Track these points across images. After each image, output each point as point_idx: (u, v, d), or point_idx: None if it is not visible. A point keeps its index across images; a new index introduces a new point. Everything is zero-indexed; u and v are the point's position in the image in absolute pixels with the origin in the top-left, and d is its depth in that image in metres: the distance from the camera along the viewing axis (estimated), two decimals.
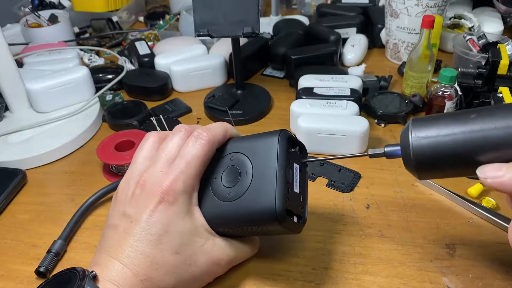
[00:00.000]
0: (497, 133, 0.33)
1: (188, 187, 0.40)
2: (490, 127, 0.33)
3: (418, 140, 0.35)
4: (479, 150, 0.33)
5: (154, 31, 1.00)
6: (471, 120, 0.34)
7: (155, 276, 0.38)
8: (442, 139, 0.34)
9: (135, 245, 0.37)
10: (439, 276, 0.44)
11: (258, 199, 0.38)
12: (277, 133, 0.40)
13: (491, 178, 0.33)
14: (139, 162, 0.42)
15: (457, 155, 0.34)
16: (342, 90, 0.66)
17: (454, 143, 0.34)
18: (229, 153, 0.42)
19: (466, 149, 0.34)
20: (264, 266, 0.46)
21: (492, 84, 0.62)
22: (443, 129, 0.34)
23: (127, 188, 0.41)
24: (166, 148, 0.41)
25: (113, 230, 0.40)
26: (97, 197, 0.54)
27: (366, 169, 0.58)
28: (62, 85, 0.70)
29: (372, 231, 0.49)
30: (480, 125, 0.33)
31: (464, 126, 0.34)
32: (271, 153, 0.39)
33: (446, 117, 0.35)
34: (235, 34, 0.65)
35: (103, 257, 0.38)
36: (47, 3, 1.06)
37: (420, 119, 0.36)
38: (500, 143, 0.33)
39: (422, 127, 0.35)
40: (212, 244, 0.41)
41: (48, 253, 0.47)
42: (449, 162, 0.35)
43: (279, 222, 0.37)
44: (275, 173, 0.38)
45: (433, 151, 0.34)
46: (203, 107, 0.73)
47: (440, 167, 0.35)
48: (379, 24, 0.88)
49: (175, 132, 0.43)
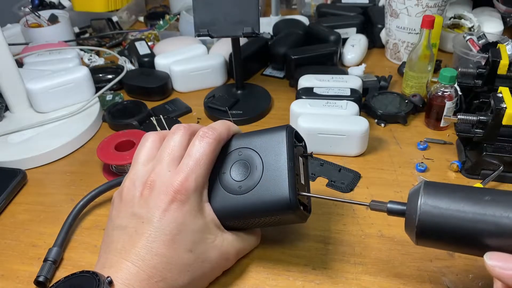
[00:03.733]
0: (509, 222, 0.32)
1: (199, 185, 0.40)
2: (503, 215, 0.32)
3: (427, 207, 0.34)
4: (487, 236, 0.32)
5: (154, 31, 1.00)
6: (484, 202, 0.33)
7: (169, 276, 0.38)
8: (451, 213, 0.33)
9: (149, 246, 0.37)
10: (439, 276, 0.44)
11: (271, 190, 0.40)
12: (284, 128, 0.42)
13: (500, 268, 0.32)
14: (141, 163, 0.42)
15: (463, 234, 0.33)
16: (342, 90, 0.66)
17: (463, 221, 0.33)
18: (235, 148, 0.44)
19: (473, 231, 0.33)
20: (264, 266, 0.46)
21: (492, 84, 0.62)
22: (454, 203, 0.33)
23: (133, 189, 0.41)
24: (169, 147, 0.41)
25: (121, 231, 0.39)
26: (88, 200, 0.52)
27: (366, 169, 0.58)
28: (62, 85, 0.70)
29: (372, 231, 0.49)
30: (493, 210, 0.32)
31: (476, 206, 0.33)
32: (280, 147, 0.41)
33: (459, 191, 0.34)
34: (235, 34, 0.65)
35: (115, 259, 0.37)
36: (47, 3, 1.06)
37: (433, 185, 0.35)
38: (510, 233, 0.32)
39: (433, 195, 0.34)
40: (222, 239, 0.42)
41: (45, 261, 0.46)
42: (453, 238, 0.34)
43: (293, 211, 0.39)
44: (286, 166, 0.40)
45: (439, 223, 0.34)
46: (203, 107, 0.73)
47: (442, 240, 0.35)
48: (379, 24, 0.88)
49: (174, 131, 0.43)
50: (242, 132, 0.46)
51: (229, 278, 0.44)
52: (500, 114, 0.51)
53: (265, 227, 0.45)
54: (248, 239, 0.45)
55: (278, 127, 0.43)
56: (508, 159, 0.53)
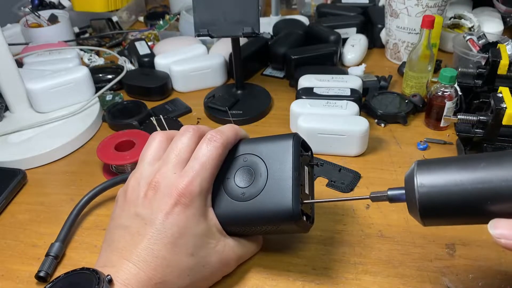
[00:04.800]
0: (508, 185, 0.31)
1: (203, 189, 0.40)
2: (500, 179, 0.31)
3: (424, 189, 0.33)
4: (489, 203, 0.31)
5: (154, 31, 1.00)
6: (481, 169, 0.32)
7: (169, 279, 0.37)
8: (449, 189, 0.32)
9: (150, 247, 0.37)
10: (439, 276, 0.44)
11: (274, 199, 0.39)
12: (291, 137, 0.42)
13: (506, 238, 0.30)
14: (147, 162, 0.42)
15: (466, 207, 0.32)
16: (342, 90, 0.66)
17: (463, 194, 0.32)
18: (241, 154, 0.43)
19: (475, 201, 0.32)
20: (264, 266, 0.46)
21: (492, 84, 0.62)
22: (451, 177, 0.33)
23: (138, 188, 0.40)
24: (176, 149, 0.41)
25: (123, 231, 0.39)
26: (91, 196, 0.53)
27: (366, 169, 0.58)
28: (62, 85, 0.70)
29: (372, 231, 0.49)
30: (490, 176, 0.31)
31: (473, 175, 0.32)
32: (286, 156, 0.41)
33: (454, 163, 0.33)
34: (235, 34, 0.65)
35: (116, 258, 0.37)
36: (47, 3, 1.05)
37: (425, 163, 0.34)
38: (511, 196, 0.31)
39: (428, 173, 0.33)
40: (223, 245, 0.41)
41: (47, 256, 0.46)
42: (457, 212, 0.33)
43: (295, 221, 0.39)
44: (291, 175, 0.40)
45: (439, 201, 0.33)
46: (203, 107, 0.73)
47: (447, 217, 0.34)
48: (379, 24, 0.88)
49: (182, 133, 0.42)
50: (249, 136, 0.46)
51: (229, 278, 0.44)
52: (500, 114, 0.51)
53: (267, 235, 0.45)
54: (249, 246, 0.45)
55: (285, 135, 0.42)
56: None
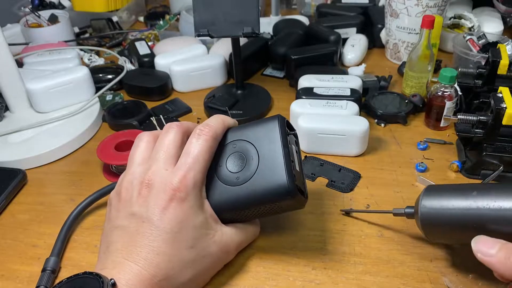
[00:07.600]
0: (489, 213, 0.37)
1: (197, 182, 0.40)
2: (485, 207, 0.37)
3: (425, 209, 0.41)
4: (476, 227, 0.38)
5: (154, 31, 1.00)
6: (472, 197, 0.38)
7: (172, 274, 0.38)
8: (444, 212, 0.39)
9: (151, 245, 0.37)
10: (439, 276, 0.44)
11: (269, 178, 0.40)
12: (276, 118, 0.43)
13: (481, 254, 0.35)
14: (137, 163, 0.42)
15: (458, 228, 0.39)
16: (342, 90, 0.66)
17: (454, 217, 0.39)
18: (230, 141, 0.44)
19: (464, 223, 0.38)
20: (264, 266, 0.46)
21: (492, 84, 0.62)
22: (446, 202, 0.40)
23: (131, 188, 0.41)
24: (164, 146, 0.42)
25: (121, 231, 0.39)
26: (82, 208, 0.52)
27: (366, 169, 0.58)
28: (62, 85, 0.70)
29: (372, 231, 0.49)
30: (477, 203, 0.38)
31: (465, 202, 0.39)
32: (274, 136, 0.42)
33: (452, 190, 0.40)
34: (235, 34, 0.65)
35: (116, 260, 0.37)
36: (47, 3, 1.05)
37: (432, 188, 0.42)
38: (493, 222, 0.37)
39: (430, 197, 0.41)
40: (221, 234, 0.42)
41: (44, 271, 0.45)
42: (451, 232, 0.40)
43: (292, 196, 0.40)
44: (281, 152, 0.41)
45: (436, 221, 0.40)
46: (203, 107, 0.73)
47: (445, 234, 0.41)
48: (379, 24, 0.88)
49: (167, 130, 0.43)
50: (237, 124, 0.47)
51: (229, 278, 0.44)
52: (500, 114, 0.51)
53: (264, 216, 0.45)
54: (247, 231, 0.46)
55: (270, 117, 0.44)
56: (508, 159, 0.53)
